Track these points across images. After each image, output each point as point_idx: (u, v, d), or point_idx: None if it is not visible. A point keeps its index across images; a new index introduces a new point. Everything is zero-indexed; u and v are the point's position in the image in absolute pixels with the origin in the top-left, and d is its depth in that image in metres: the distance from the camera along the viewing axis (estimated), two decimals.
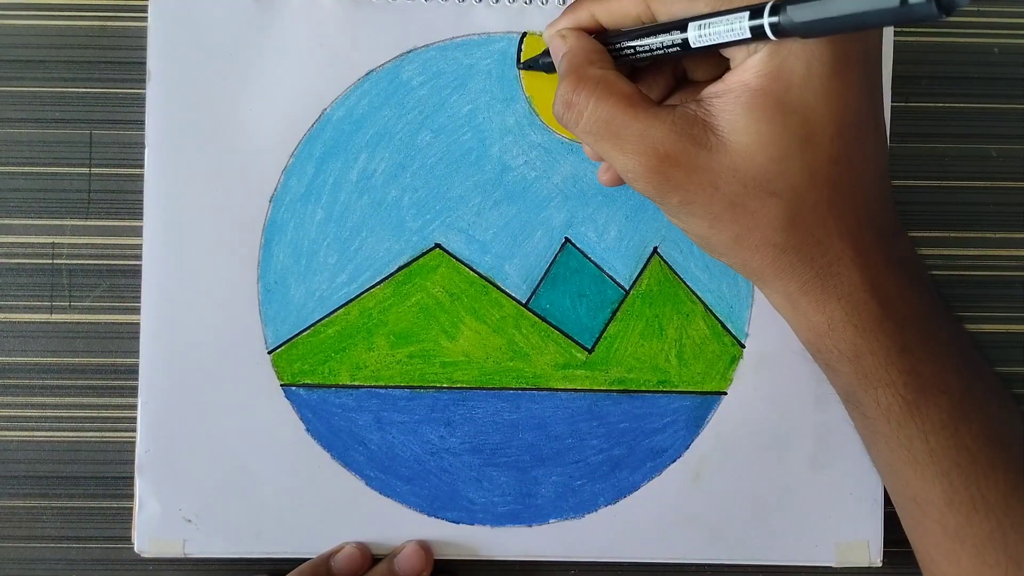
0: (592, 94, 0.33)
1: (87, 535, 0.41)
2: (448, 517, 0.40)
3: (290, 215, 0.40)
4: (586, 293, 0.40)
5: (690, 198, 0.32)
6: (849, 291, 0.33)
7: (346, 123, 0.40)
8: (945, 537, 0.34)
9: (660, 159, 0.32)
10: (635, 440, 0.40)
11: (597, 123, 0.33)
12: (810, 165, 0.31)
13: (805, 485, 0.40)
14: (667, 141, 0.32)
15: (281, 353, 0.39)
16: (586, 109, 0.33)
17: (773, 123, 0.31)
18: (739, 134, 0.31)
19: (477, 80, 0.40)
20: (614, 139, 0.33)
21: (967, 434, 0.33)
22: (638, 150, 0.32)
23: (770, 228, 0.32)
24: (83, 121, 0.41)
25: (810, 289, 0.33)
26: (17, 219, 0.41)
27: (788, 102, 0.31)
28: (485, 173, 0.40)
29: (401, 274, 0.40)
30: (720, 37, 0.31)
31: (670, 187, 0.32)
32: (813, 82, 0.31)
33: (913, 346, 0.33)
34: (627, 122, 0.32)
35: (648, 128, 0.32)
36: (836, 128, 0.31)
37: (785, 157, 0.31)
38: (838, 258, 0.32)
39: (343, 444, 0.39)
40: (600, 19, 0.35)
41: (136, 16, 0.41)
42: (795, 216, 0.32)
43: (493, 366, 0.40)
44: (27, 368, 0.41)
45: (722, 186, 0.32)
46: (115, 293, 0.41)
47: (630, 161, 0.32)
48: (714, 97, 0.32)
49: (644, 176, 0.32)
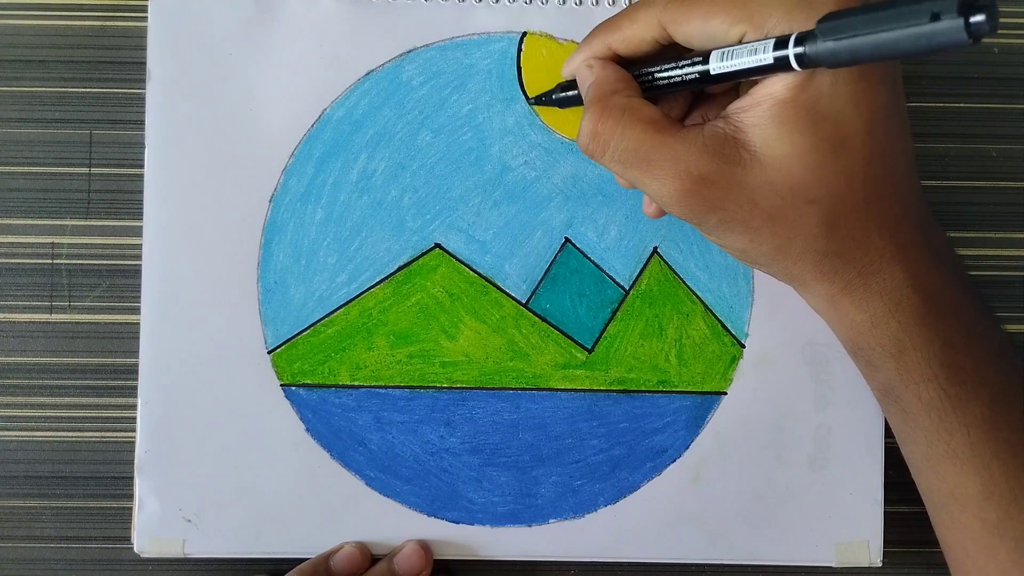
0: (618, 122, 0.33)
1: (87, 535, 0.41)
2: (448, 517, 0.40)
3: (290, 215, 0.40)
4: (586, 293, 0.40)
5: (728, 216, 0.32)
6: (892, 287, 0.33)
7: (346, 123, 0.40)
8: (983, 532, 0.33)
9: (694, 181, 0.32)
10: (635, 440, 0.40)
11: (625, 151, 0.33)
12: (845, 169, 0.31)
13: (805, 485, 0.40)
14: (699, 162, 0.32)
15: (281, 353, 0.39)
16: (612, 138, 0.33)
17: (806, 133, 0.31)
18: (772, 147, 0.31)
19: (477, 80, 0.40)
20: (644, 165, 0.32)
21: (1007, 427, 0.33)
22: (670, 174, 0.32)
23: (810, 235, 0.32)
24: (83, 121, 0.41)
25: (853, 289, 0.33)
26: (17, 219, 0.41)
27: (818, 110, 0.31)
28: (485, 173, 0.40)
29: (401, 274, 0.40)
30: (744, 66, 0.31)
31: (707, 208, 0.32)
32: (841, 87, 0.31)
33: (955, 339, 0.33)
34: (656, 147, 0.32)
35: (678, 151, 0.32)
36: (867, 130, 0.31)
37: (820, 165, 0.31)
38: (879, 256, 0.32)
39: (343, 444, 0.39)
40: (616, 49, 0.35)
41: (136, 16, 0.41)
42: (834, 221, 0.32)
43: (493, 366, 0.40)
44: (27, 368, 0.41)
45: (760, 200, 0.32)
46: (115, 293, 0.41)
47: (664, 186, 0.32)
48: (742, 112, 0.32)
49: (679, 200, 0.32)
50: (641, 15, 0.34)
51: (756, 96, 0.31)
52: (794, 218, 0.32)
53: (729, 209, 0.32)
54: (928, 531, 0.41)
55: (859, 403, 0.40)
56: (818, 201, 0.32)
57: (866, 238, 0.32)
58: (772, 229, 0.32)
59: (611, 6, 0.40)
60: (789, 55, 0.29)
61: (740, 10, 0.31)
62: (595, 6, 0.40)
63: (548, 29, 0.40)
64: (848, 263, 0.33)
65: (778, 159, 0.31)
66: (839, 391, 0.40)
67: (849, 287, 0.33)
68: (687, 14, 0.32)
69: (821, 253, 0.32)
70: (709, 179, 0.32)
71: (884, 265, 0.33)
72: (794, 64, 0.29)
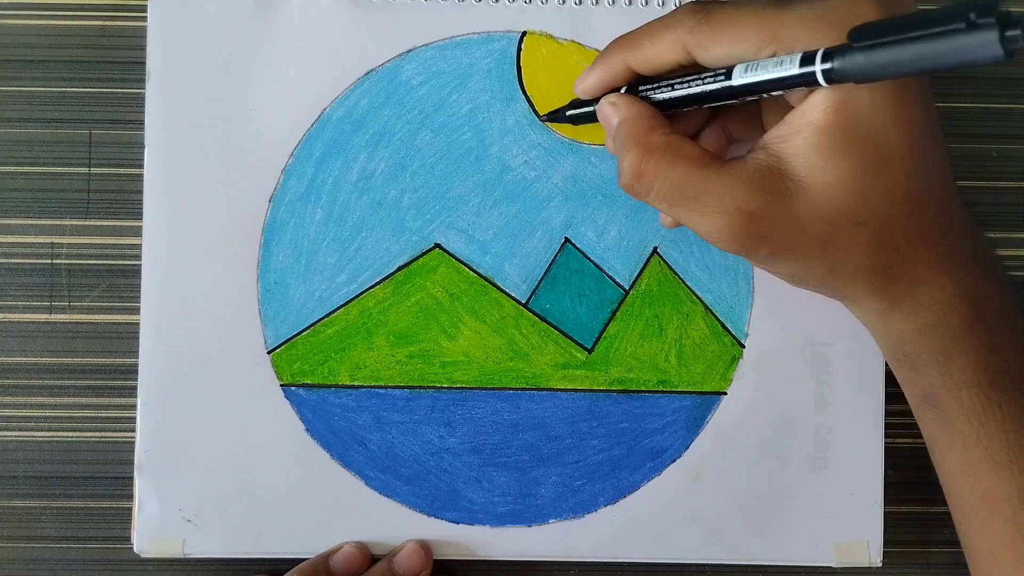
0: (662, 160, 0.32)
1: (87, 535, 0.41)
2: (448, 517, 0.40)
3: (290, 215, 0.40)
4: (586, 293, 0.40)
5: (778, 247, 0.32)
6: (940, 297, 0.33)
7: (346, 123, 0.40)
8: (1016, 536, 0.33)
9: (743, 217, 0.31)
10: (635, 440, 0.40)
11: (671, 190, 0.32)
12: (888, 188, 0.31)
13: (805, 485, 0.40)
14: (747, 198, 0.31)
15: (281, 353, 0.39)
16: (657, 178, 0.32)
17: (848, 157, 0.31)
18: (817, 175, 0.31)
19: (477, 80, 0.40)
20: (691, 203, 0.32)
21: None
22: (717, 211, 0.32)
23: (860, 255, 0.32)
24: (83, 121, 0.41)
25: (902, 302, 0.33)
26: (17, 219, 0.41)
27: (859, 133, 0.31)
28: (485, 173, 0.40)
29: (401, 274, 0.40)
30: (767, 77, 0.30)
31: (757, 243, 0.32)
32: (880, 107, 0.31)
33: (1001, 346, 0.33)
34: (701, 185, 0.32)
35: (724, 188, 0.32)
36: (908, 147, 0.31)
37: (865, 187, 0.31)
38: (927, 267, 0.33)
39: (343, 444, 0.39)
40: (635, 68, 0.34)
41: (136, 16, 0.41)
42: (882, 238, 0.32)
43: (493, 366, 0.40)
44: (27, 368, 0.41)
45: (809, 229, 0.31)
46: (115, 293, 0.41)
47: (712, 223, 0.32)
48: (782, 142, 0.31)
49: (729, 237, 0.32)
50: (664, 36, 0.33)
51: (794, 124, 0.31)
52: (843, 241, 0.32)
53: (779, 240, 0.32)
54: (928, 531, 0.42)
55: (859, 403, 0.40)
56: (865, 222, 0.31)
57: (913, 251, 0.32)
58: (823, 255, 0.32)
59: (611, 6, 0.40)
60: (816, 70, 0.29)
61: (768, 31, 0.31)
62: (595, 6, 0.40)
63: (548, 29, 0.40)
64: (897, 277, 0.33)
65: (824, 186, 0.31)
66: (839, 391, 0.40)
67: (899, 300, 0.33)
68: (714, 38, 0.32)
69: (871, 271, 0.33)
70: (757, 214, 0.31)
71: (932, 276, 0.33)
72: (820, 79, 0.29)
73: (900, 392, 0.36)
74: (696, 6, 0.33)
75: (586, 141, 0.40)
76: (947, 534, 0.41)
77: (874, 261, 0.32)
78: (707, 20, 0.32)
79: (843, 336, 0.40)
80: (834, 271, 0.33)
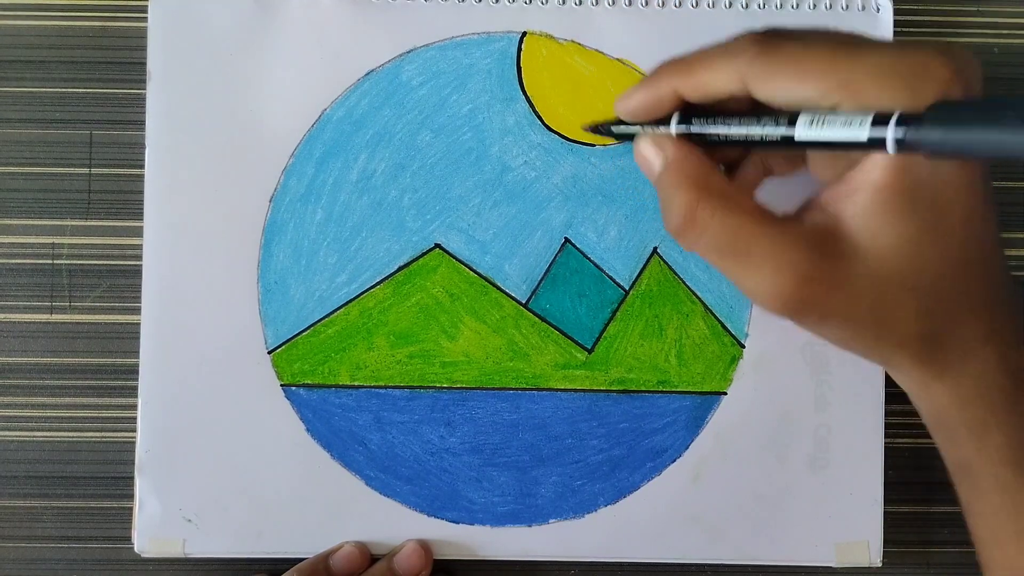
0: (718, 208, 0.31)
1: (87, 535, 0.41)
2: (448, 517, 0.40)
3: (290, 215, 0.40)
4: (586, 293, 0.40)
5: (829, 312, 0.31)
6: (983, 370, 0.32)
7: (346, 123, 0.40)
8: None
9: (798, 280, 0.30)
10: (635, 440, 0.40)
11: (724, 241, 0.31)
12: (942, 253, 0.30)
13: (805, 485, 0.40)
14: (804, 260, 0.30)
15: (281, 353, 0.40)
16: (710, 227, 0.31)
17: (907, 220, 0.30)
18: (874, 238, 0.30)
19: (477, 80, 0.40)
20: (743, 258, 0.31)
21: None
22: (771, 269, 0.30)
23: (909, 322, 0.31)
24: (83, 121, 0.41)
25: (946, 372, 0.32)
26: (17, 219, 0.41)
27: (918, 195, 0.29)
28: (485, 173, 0.40)
29: (401, 274, 0.40)
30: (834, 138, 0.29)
31: (809, 308, 0.31)
32: (941, 172, 0.30)
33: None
34: (756, 240, 0.30)
35: (780, 246, 0.30)
36: (967, 215, 0.30)
37: (920, 252, 0.30)
38: (973, 338, 0.32)
39: (343, 444, 0.39)
40: (684, 94, 0.32)
41: (136, 16, 0.41)
42: (933, 307, 0.31)
43: (493, 366, 0.40)
44: (27, 368, 0.41)
45: (861, 294, 0.30)
46: (115, 293, 0.41)
47: (763, 283, 0.31)
48: (840, 201, 0.30)
49: (779, 298, 0.31)
50: (721, 64, 0.31)
51: (854, 183, 0.30)
52: (894, 307, 0.31)
53: (830, 305, 0.31)
54: (928, 531, 0.42)
55: (859, 403, 0.40)
56: (917, 288, 0.31)
57: (961, 321, 0.32)
58: (873, 320, 0.31)
59: (611, 6, 0.40)
60: (888, 137, 0.27)
61: (837, 77, 0.29)
62: (595, 6, 0.40)
63: (548, 29, 0.40)
64: (942, 347, 0.32)
65: (880, 249, 0.30)
66: (839, 391, 0.40)
67: (943, 371, 0.32)
68: (777, 73, 0.30)
69: (918, 338, 0.32)
70: (812, 276, 0.30)
71: (976, 347, 0.32)
72: (890, 147, 0.27)
73: (900, 392, 0.36)
74: (760, 36, 0.31)
75: (586, 141, 0.40)
76: (947, 534, 0.41)
77: (922, 328, 0.31)
78: (771, 53, 0.30)
79: None
80: (882, 338, 0.32)
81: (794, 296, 0.30)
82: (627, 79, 0.40)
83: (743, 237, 0.30)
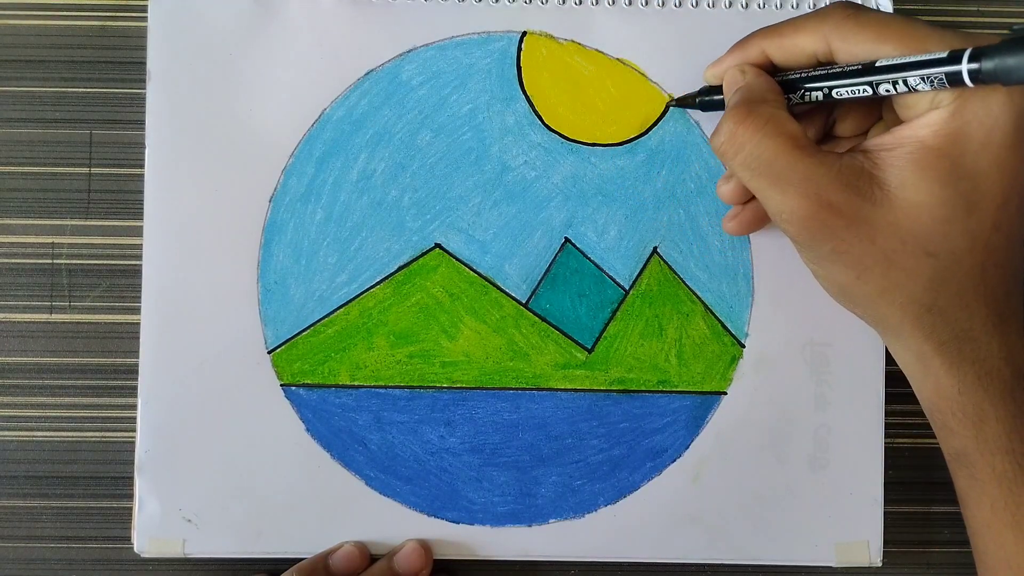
0: (759, 130, 0.33)
1: (87, 535, 0.41)
2: (448, 517, 0.40)
3: (290, 215, 0.40)
4: (586, 293, 0.40)
5: (843, 247, 0.32)
6: (985, 356, 0.32)
7: (346, 123, 0.40)
8: None
9: (822, 206, 0.32)
10: (635, 440, 0.40)
11: (758, 159, 0.33)
12: (972, 231, 0.31)
13: (805, 485, 0.40)
14: (832, 189, 0.32)
15: (281, 353, 0.40)
16: (749, 143, 0.33)
17: (944, 185, 0.31)
18: (907, 191, 0.31)
19: (477, 80, 0.40)
20: (774, 178, 0.32)
21: None
22: (800, 192, 0.32)
23: (919, 287, 0.32)
24: (83, 121, 0.41)
25: (946, 351, 0.33)
26: (17, 219, 0.41)
27: (962, 165, 0.31)
28: (485, 173, 0.40)
29: (401, 274, 0.40)
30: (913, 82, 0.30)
31: (825, 235, 0.32)
32: (990, 150, 0.31)
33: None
34: (791, 163, 0.32)
35: (813, 172, 0.32)
36: (1004, 197, 0.31)
37: (949, 220, 0.31)
38: (980, 323, 0.32)
39: (343, 444, 0.39)
40: (772, 56, 0.35)
41: (136, 16, 0.41)
42: (947, 278, 0.32)
43: (493, 366, 0.40)
44: (27, 368, 0.41)
45: (879, 240, 0.32)
46: (115, 293, 0.41)
47: (789, 203, 0.32)
48: (883, 150, 0.32)
49: (801, 220, 0.32)
50: (809, 26, 0.34)
51: (900, 136, 0.31)
52: (908, 266, 0.32)
53: (846, 240, 0.32)
54: (928, 531, 0.42)
55: (859, 403, 0.40)
56: (936, 255, 0.31)
57: (973, 302, 0.32)
58: (883, 271, 0.32)
59: (611, 6, 0.40)
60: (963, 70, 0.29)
61: (915, 40, 0.31)
62: (595, 6, 0.40)
63: (548, 29, 0.40)
64: (948, 323, 0.32)
65: (909, 204, 0.31)
66: (839, 391, 0.40)
67: (943, 348, 0.33)
68: (859, 34, 0.32)
69: (924, 307, 0.32)
70: (836, 207, 0.31)
71: (982, 333, 0.32)
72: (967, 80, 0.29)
73: (900, 392, 0.36)
74: (847, 5, 0.33)
75: (586, 141, 0.40)
76: (947, 534, 0.41)
77: (931, 298, 0.32)
78: (856, 17, 0.33)
79: (843, 336, 0.40)
80: (887, 293, 0.32)
81: (815, 218, 0.32)
82: (627, 79, 0.40)
83: (779, 160, 0.32)
